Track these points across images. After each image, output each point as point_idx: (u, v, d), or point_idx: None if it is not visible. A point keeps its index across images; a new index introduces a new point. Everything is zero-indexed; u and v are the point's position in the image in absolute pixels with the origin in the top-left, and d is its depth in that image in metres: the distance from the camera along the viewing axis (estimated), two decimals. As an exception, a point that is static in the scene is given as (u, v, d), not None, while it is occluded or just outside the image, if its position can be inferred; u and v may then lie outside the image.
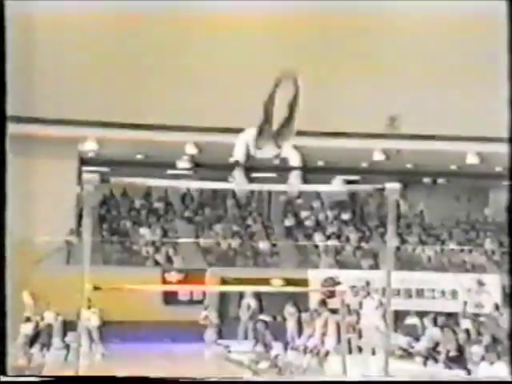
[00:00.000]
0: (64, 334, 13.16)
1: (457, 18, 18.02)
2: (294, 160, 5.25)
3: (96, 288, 5.03)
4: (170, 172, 21.13)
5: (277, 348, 11.20)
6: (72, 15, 16.64)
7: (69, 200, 18.55)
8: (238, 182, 5.14)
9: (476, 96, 17.72)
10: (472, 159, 19.26)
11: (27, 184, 16.51)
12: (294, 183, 5.28)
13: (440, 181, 22.88)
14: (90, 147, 19.37)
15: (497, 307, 15.77)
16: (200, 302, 17.77)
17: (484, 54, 17.69)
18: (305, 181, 6.01)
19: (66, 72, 16.88)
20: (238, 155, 5.17)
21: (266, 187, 5.86)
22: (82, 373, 4.78)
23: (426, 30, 17.97)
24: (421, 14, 17.93)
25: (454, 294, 18.13)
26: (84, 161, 19.92)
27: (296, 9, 16.69)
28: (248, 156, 5.32)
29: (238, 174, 5.15)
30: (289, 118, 5.21)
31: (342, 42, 17.71)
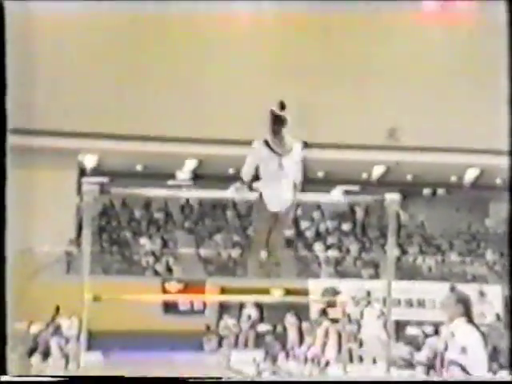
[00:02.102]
0: (66, 342, 13.16)
1: (457, 28, 18.16)
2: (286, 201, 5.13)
3: (96, 298, 5.00)
4: (170, 183, 21.16)
5: (279, 358, 11.17)
6: (72, 24, 16.75)
7: (69, 210, 18.57)
8: (238, 190, 5.10)
9: (476, 108, 17.80)
10: (472, 171, 19.31)
11: (27, 195, 16.53)
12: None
13: (440, 192, 22.92)
14: (89, 158, 19.42)
15: (498, 317, 15.74)
16: (200, 312, 17.75)
17: (484, 65, 17.80)
18: (304, 191, 5.99)
19: (65, 84, 16.96)
20: (246, 175, 5.12)
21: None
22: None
23: (425, 42, 18.08)
24: (419, 25, 18.07)
25: (456, 304, 18.10)
26: (84, 172, 19.97)
27: (296, 19, 16.78)
28: (256, 176, 5.28)
29: (240, 186, 5.11)
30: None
31: (342, 54, 17.81)
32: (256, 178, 5.28)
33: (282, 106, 5.06)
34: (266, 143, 5.07)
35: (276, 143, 5.06)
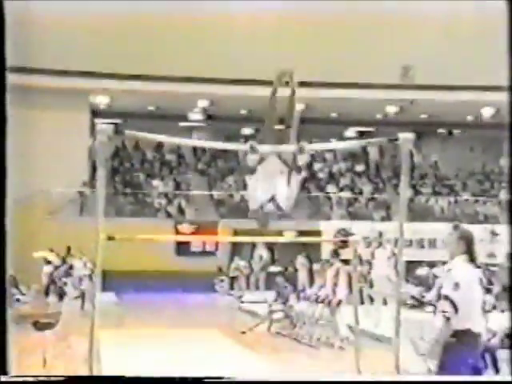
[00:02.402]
0: (79, 283, 13.34)
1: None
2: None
3: (110, 238, 5.02)
4: (182, 124, 21.07)
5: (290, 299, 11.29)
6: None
7: (82, 152, 18.59)
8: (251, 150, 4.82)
9: (489, 46, 17.40)
10: (488, 110, 19.01)
11: (41, 136, 16.54)
12: None
13: (455, 131, 22.66)
14: (101, 99, 19.31)
15: (510, 257, 15.73)
16: (212, 253, 17.91)
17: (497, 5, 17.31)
18: (315, 134, 5.79)
19: (76, 23, 16.71)
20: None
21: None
22: (96, 323, 4.80)
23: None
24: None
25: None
26: (96, 113, 19.90)
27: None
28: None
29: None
30: (288, 119, 4.95)
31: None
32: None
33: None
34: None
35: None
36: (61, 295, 12.21)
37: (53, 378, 3.84)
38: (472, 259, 4.75)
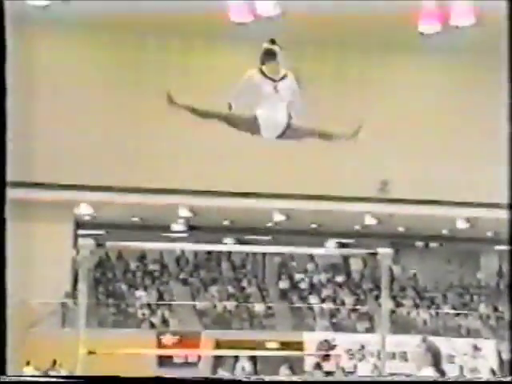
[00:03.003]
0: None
1: (443, 85, 18.65)
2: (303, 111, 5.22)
3: (90, 352, 5.08)
4: (164, 235, 21.32)
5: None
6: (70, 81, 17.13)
7: (65, 263, 18.61)
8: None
9: (465, 162, 18.16)
10: (462, 224, 19.56)
11: (24, 247, 16.61)
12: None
13: (432, 244, 23.13)
14: (85, 211, 19.56)
15: (493, 373, 15.77)
16: (195, 364, 17.72)
17: (472, 119, 18.23)
18: (295, 244, 6.07)
19: (62, 137, 17.18)
20: (233, 98, 5.20)
21: (258, 249, 5.52)
22: None
23: (415, 97, 18.53)
24: (409, 81, 18.55)
25: (450, 358, 18.12)
26: (80, 224, 20.10)
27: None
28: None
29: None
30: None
31: (334, 110, 18.17)
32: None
33: (273, 42, 5.28)
34: (260, 70, 5.22)
35: (269, 71, 5.20)
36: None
37: (53, 379, 3.77)
38: (439, 371, 4.88)
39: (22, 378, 3.75)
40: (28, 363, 13.79)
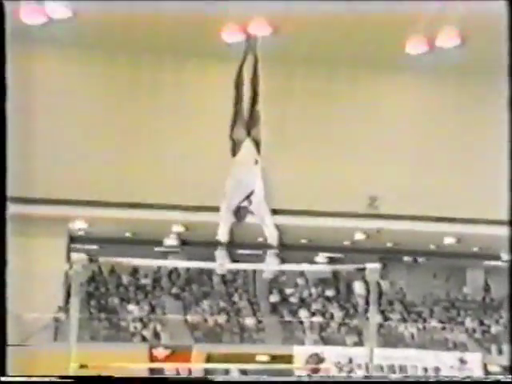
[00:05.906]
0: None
1: (431, 103, 19.02)
2: (273, 238, 5.55)
3: (82, 366, 5.15)
4: (157, 249, 21.50)
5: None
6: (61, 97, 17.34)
7: (58, 277, 18.72)
8: (219, 259, 5.47)
9: (453, 179, 18.48)
10: (449, 239, 19.87)
11: (18, 262, 16.73)
12: (272, 262, 5.56)
13: (420, 259, 23.44)
14: (79, 225, 19.70)
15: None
16: (186, 378, 17.89)
17: (459, 136, 18.59)
18: (285, 259, 6.26)
19: (57, 153, 17.37)
20: (222, 235, 5.51)
21: (246, 266, 5.85)
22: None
23: (403, 115, 18.86)
24: (396, 98, 18.88)
25: (437, 371, 18.40)
26: (74, 238, 20.25)
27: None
28: (231, 235, 5.61)
29: (220, 253, 5.48)
30: (254, 97, 5.53)
31: (323, 123, 18.43)
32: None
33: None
34: None
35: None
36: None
37: (53, 379, 3.87)
38: None
39: (22, 378, 3.91)
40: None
